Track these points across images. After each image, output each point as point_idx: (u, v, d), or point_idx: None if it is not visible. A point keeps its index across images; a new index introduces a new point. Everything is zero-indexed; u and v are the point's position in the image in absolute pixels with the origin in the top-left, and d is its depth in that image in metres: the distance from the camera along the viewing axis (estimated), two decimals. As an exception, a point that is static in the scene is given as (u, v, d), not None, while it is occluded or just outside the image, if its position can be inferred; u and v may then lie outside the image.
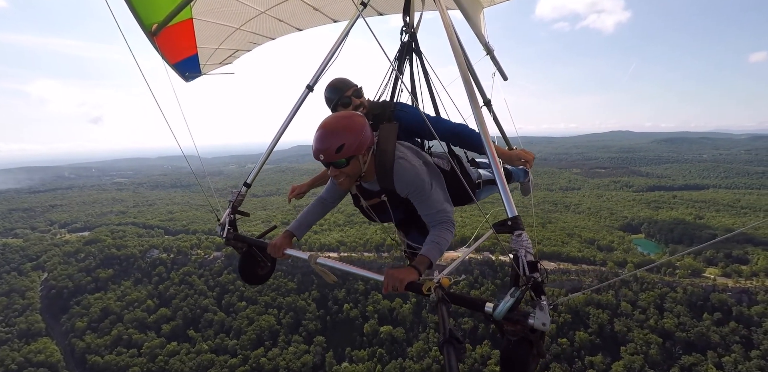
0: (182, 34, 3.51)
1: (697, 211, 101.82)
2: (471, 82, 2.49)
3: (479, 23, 4.03)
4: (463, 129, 2.76)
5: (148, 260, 75.84)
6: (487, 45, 4.25)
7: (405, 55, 3.34)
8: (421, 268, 2.12)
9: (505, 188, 2.05)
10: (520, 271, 1.78)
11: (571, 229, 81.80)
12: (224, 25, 3.86)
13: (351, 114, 2.32)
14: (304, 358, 51.60)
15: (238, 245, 3.05)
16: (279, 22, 4.21)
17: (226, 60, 4.75)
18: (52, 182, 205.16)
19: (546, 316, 1.68)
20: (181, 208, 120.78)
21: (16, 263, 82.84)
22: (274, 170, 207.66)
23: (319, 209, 2.90)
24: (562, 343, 48.60)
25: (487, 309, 1.79)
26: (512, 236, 1.92)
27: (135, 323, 62.21)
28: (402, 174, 2.33)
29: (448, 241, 2.27)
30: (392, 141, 2.40)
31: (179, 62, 3.91)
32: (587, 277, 59.05)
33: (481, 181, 3.15)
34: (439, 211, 2.35)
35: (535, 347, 1.74)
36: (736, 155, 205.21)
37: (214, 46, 4.16)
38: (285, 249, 2.68)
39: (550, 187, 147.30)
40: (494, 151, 2.21)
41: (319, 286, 63.22)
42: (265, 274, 3.24)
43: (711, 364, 45.98)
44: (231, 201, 3.14)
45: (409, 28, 3.30)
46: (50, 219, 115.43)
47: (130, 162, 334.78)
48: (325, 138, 2.17)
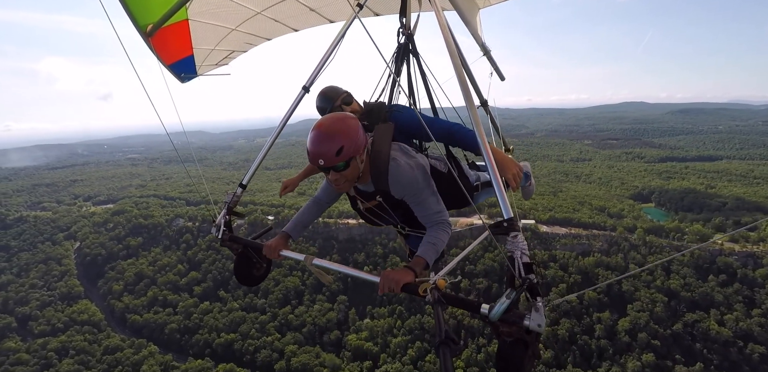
0: (178, 35, 3.52)
1: (708, 180, 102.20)
2: (467, 83, 2.53)
3: (475, 24, 4.07)
4: (460, 128, 2.76)
5: (174, 228, 79.68)
6: (483, 45, 4.33)
7: (402, 56, 3.36)
8: (417, 269, 2.13)
9: (500, 189, 2.07)
10: (515, 273, 1.79)
11: (582, 198, 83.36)
12: (220, 26, 3.88)
13: (344, 116, 2.31)
14: (329, 315, 55.67)
15: (234, 246, 3.03)
16: (275, 22, 4.22)
17: (222, 61, 4.76)
18: (67, 159, 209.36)
19: (541, 317, 1.69)
20: (198, 181, 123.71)
21: (49, 234, 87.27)
22: (284, 144, 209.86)
23: (315, 209, 2.92)
24: (572, 301, 51.57)
25: (483, 310, 1.80)
26: (508, 238, 1.92)
27: (168, 286, 66.63)
28: (397, 175, 2.32)
29: (444, 241, 2.30)
30: (387, 142, 2.40)
31: (175, 63, 3.91)
32: (597, 242, 61.44)
33: (479, 183, 3.17)
34: (435, 212, 2.37)
35: (530, 348, 1.76)
36: (753, 126, 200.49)
37: (209, 47, 4.16)
38: (280, 250, 2.67)
39: (561, 158, 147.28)
40: (490, 153, 2.23)
41: (340, 250, 66.69)
42: (260, 275, 3.24)
43: (713, 320, 48.80)
44: (226, 202, 3.13)
45: (405, 30, 3.32)
46: (74, 193, 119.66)
47: (141, 138, 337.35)
48: (323, 141, 2.16)
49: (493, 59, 4.55)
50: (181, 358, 54.15)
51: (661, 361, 45.60)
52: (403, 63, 3.37)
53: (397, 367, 47.42)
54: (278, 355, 51.96)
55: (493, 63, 4.61)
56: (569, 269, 56.84)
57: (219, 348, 54.60)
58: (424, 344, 50.17)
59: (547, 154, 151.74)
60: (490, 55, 4.46)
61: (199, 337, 56.62)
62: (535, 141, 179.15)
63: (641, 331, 47.97)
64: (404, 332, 51.98)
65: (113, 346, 55.40)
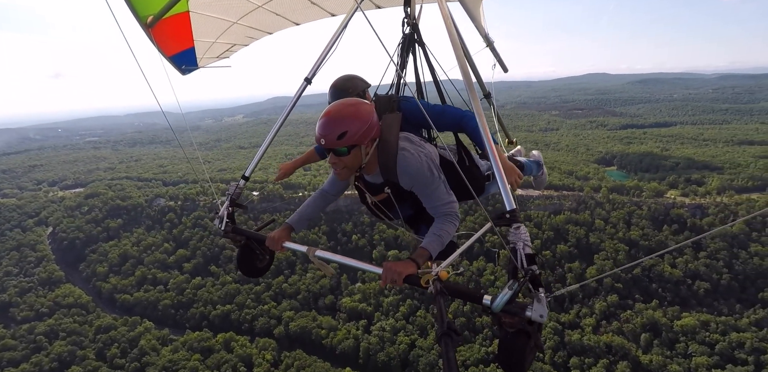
0: (178, 26, 3.52)
1: (663, 144, 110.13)
2: (470, 75, 2.51)
3: (479, 15, 4.02)
4: (470, 119, 2.69)
5: (156, 208, 78.49)
6: (487, 37, 4.27)
7: (408, 46, 3.34)
8: (420, 260, 2.13)
9: (503, 180, 2.09)
10: (518, 264, 1.81)
11: (551, 164, 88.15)
12: (221, 18, 3.86)
13: (358, 102, 2.30)
14: (322, 281, 58.22)
15: (237, 238, 3.05)
16: (276, 16, 4.20)
17: (224, 54, 4.75)
18: (18, 144, 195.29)
19: (543, 308, 1.71)
20: (171, 162, 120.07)
21: (17, 221, 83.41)
22: (254, 123, 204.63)
23: (320, 202, 2.90)
24: (545, 255, 56.54)
25: (485, 301, 1.82)
26: (510, 229, 1.93)
27: (156, 264, 66.57)
28: (406, 166, 2.31)
29: (451, 233, 2.29)
30: (395, 131, 2.39)
31: (175, 55, 3.89)
32: (567, 201, 66.64)
33: (490, 173, 3.05)
34: (445, 203, 2.35)
35: (532, 339, 1.78)
36: (704, 94, 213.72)
37: (210, 39, 4.15)
38: (283, 242, 2.66)
39: (530, 128, 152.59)
40: (492, 144, 2.23)
41: (327, 221, 68.57)
42: (263, 266, 3.27)
43: (666, 264, 55.25)
44: (229, 194, 3.13)
45: (411, 20, 3.29)
46: (35, 178, 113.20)
47: (97, 120, 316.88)
48: (329, 124, 2.17)
49: (496, 51, 4.53)
50: (178, 332, 55.13)
51: (623, 300, 51.70)
52: (409, 53, 3.37)
53: (391, 322, 51.12)
54: (276, 321, 54.42)
55: (496, 54, 4.59)
56: (543, 227, 61.66)
57: (216, 319, 56.15)
58: (414, 302, 53.96)
59: (517, 125, 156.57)
60: (493, 47, 4.45)
61: (194, 311, 57.83)
62: (505, 113, 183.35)
63: (606, 277, 53.72)
64: (395, 292, 55.47)
65: (106, 325, 55.34)
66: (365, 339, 49.57)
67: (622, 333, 47.61)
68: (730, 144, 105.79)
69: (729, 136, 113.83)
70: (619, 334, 47.25)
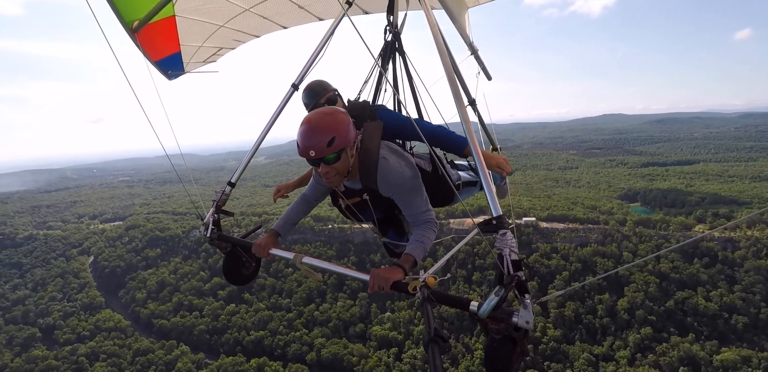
0: (164, 31, 3.51)
1: (688, 181, 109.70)
2: (456, 82, 2.54)
3: (464, 23, 4.11)
4: (443, 131, 2.81)
5: (192, 239, 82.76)
6: (471, 45, 4.36)
7: (389, 54, 3.39)
8: (407, 266, 2.14)
9: (489, 187, 2.08)
10: (504, 270, 1.78)
11: (574, 199, 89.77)
12: (208, 22, 3.86)
13: (334, 110, 2.31)
14: (353, 310, 59.42)
15: (222, 245, 3.05)
16: (263, 19, 4.21)
17: (210, 58, 4.74)
18: (57, 183, 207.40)
19: (530, 314, 1.70)
20: (203, 198, 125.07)
21: (61, 250, 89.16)
22: (276, 163, 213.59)
23: (303, 207, 2.93)
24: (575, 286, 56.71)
25: (471, 308, 1.82)
26: (497, 235, 1.91)
27: (192, 291, 69.41)
28: (386, 174, 2.36)
29: (432, 240, 2.34)
30: (376, 140, 2.42)
31: (161, 60, 3.90)
32: (593, 234, 67.34)
33: (461, 183, 3.19)
34: (424, 211, 2.40)
35: (519, 345, 1.78)
36: (726, 132, 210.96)
37: (197, 43, 4.15)
38: (270, 249, 2.65)
39: (549, 167, 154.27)
40: (479, 151, 2.24)
41: (356, 252, 70.90)
42: (249, 274, 3.24)
43: (701, 297, 54.36)
44: (215, 200, 3.18)
45: (393, 28, 3.36)
46: (77, 213, 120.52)
47: (129, 162, 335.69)
48: (314, 133, 2.16)
49: (481, 59, 4.64)
50: (212, 357, 56.65)
51: (658, 333, 50.66)
52: (389, 61, 3.41)
53: (422, 351, 51.21)
54: (308, 347, 55.27)
55: (480, 62, 4.70)
56: (570, 259, 62.19)
57: (249, 345, 57.51)
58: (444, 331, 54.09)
59: (535, 164, 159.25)
60: (477, 55, 4.55)
61: (228, 336, 59.45)
62: (522, 152, 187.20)
63: (638, 309, 53.16)
64: (424, 321, 55.88)
65: (144, 348, 57.70)
66: (397, 366, 49.71)
67: (659, 366, 46.44)
68: (757, 180, 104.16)
69: (756, 172, 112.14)
70: (656, 368, 46.12)
